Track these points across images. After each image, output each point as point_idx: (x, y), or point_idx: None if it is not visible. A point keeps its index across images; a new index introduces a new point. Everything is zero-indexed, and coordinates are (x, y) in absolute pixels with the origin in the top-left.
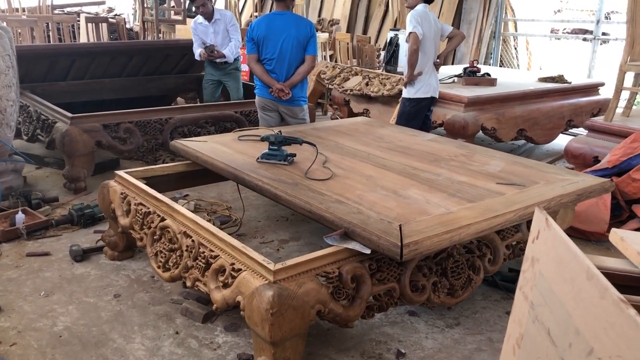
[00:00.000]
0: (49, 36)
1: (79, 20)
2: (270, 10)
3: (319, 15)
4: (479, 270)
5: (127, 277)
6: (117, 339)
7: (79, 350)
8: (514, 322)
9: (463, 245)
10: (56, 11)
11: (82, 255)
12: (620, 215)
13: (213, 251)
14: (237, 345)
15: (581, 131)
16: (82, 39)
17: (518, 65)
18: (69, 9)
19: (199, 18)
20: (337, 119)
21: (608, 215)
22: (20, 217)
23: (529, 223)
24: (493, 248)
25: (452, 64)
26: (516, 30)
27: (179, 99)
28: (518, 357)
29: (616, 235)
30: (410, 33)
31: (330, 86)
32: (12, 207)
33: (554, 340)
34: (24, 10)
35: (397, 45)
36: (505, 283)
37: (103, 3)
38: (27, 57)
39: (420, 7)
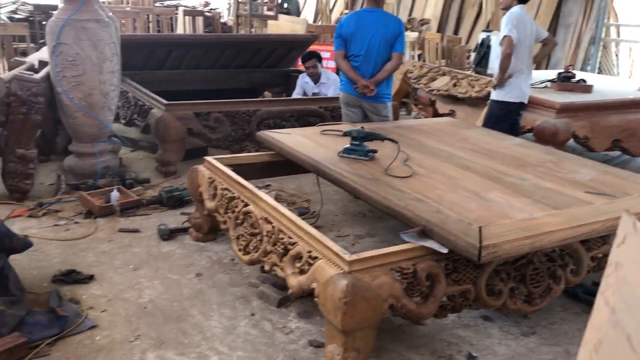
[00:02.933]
0: (149, 27)
1: (177, 13)
2: (362, 8)
3: (410, 15)
4: (559, 280)
5: (209, 258)
6: (196, 315)
7: (161, 322)
8: (592, 327)
9: (544, 252)
10: (157, 4)
11: (168, 235)
12: None
13: (292, 238)
14: (309, 332)
15: None
16: (179, 30)
17: (618, 73)
18: (168, 2)
19: (306, 77)
20: (421, 119)
21: None
22: (115, 195)
23: None
24: (576, 258)
25: (546, 68)
26: (619, 36)
27: (265, 92)
28: None
29: None
30: (504, 36)
31: (416, 86)
32: (108, 185)
33: (635, 346)
34: (128, 2)
35: (489, 47)
36: (587, 296)
37: None
38: (129, 46)
39: (516, 8)
